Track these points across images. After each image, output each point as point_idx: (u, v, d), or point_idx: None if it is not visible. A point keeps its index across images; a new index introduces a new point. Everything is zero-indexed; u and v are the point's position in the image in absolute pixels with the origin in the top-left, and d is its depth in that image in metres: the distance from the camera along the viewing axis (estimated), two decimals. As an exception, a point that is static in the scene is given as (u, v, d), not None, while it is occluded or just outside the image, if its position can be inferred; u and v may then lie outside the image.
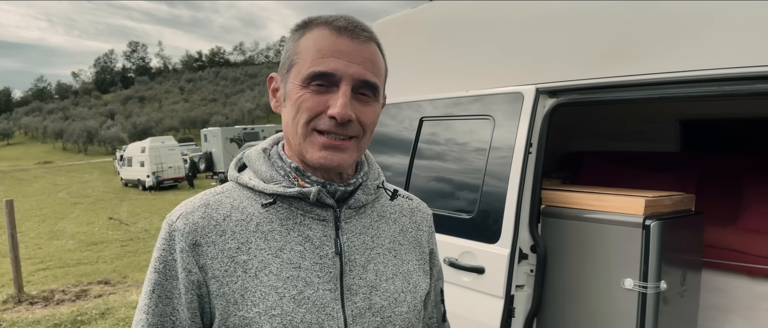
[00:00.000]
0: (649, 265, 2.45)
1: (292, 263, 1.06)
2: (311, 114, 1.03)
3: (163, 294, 1.04)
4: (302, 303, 1.04)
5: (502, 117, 2.79)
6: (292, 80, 1.07)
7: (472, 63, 3.14)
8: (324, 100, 1.03)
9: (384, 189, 1.26)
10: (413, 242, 1.27)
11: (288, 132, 1.10)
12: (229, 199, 1.10)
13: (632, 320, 2.49)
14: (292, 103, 1.06)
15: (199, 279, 1.03)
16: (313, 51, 1.03)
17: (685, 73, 2.22)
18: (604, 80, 2.50)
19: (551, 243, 2.77)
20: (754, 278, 3.24)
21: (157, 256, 1.05)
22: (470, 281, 2.75)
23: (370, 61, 1.07)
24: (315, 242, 1.09)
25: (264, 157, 1.15)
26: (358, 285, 1.11)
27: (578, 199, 2.75)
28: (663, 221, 2.49)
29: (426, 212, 1.35)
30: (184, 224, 1.04)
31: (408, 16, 3.69)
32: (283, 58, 1.11)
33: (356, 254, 1.13)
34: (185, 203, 1.10)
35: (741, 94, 2.12)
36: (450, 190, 3.01)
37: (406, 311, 1.17)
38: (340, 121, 1.02)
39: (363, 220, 1.17)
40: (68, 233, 15.92)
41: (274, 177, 1.10)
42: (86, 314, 6.85)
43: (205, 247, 1.03)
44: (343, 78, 1.03)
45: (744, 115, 3.94)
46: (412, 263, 1.23)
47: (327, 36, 1.04)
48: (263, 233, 1.06)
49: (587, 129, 4.79)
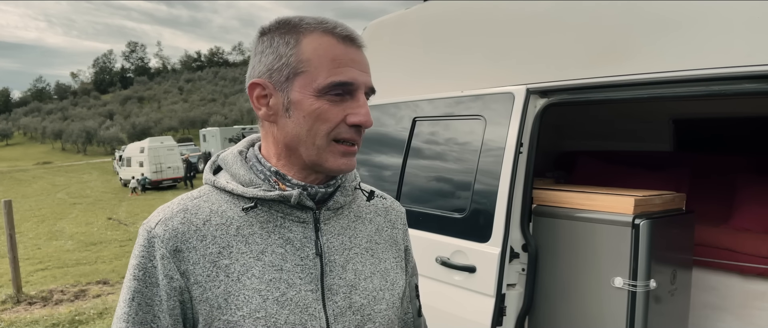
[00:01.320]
0: (639, 263, 2.47)
1: (274, 266, 1.07)
2: (332, 124, 1.05)
3: (142, 302, 1.03)
4: (285, 305, 1.05)
5: (493, 117, 2.80)
6: (299, 90, 1.05)
7: (464, 63, 3.16)
8: (341, 110, 1.05)
9: (361, 190, 1.28)
10: (389, 240, 1.29)
11: (294, 141, 1.08)
12: (208, 203, 1.10)
13: (622, 319, 2.51)
14: (306, 115, 1.05)
15: (181, 285, 1.03)
16: (327, 60, 1.04)
17: (675, 73, 2.24)
18: (595, 80, 2.52)
19: (542, 242, 2.79)
20: (746, 277, 3.26)
21: (136, 263, 1.05)
22: (462, 280, 2.77)
23: (369, 67, 1.11)
24: (295, 243, 1.10)
25: (241, 161, 1.14)
26: (338, 285, 1.13)
27: (569, 198, 2.77)
28: (653, 220, 2.52)
29: (399, 211, 1.38)
30: (163, 230, 1.04)
31: (401, 16, 3.71)
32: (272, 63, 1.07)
33: (336, 255, 1.14)
34: (162, 209, 1.10)
35: (728, 94, 2.14)
36: (442, 189, 3.03)
37: (385, 309, 1.19)
38: (366, 127, 1.07)
39: (341, 221, 1.19)
40: (67, 233, 15.94)
41: (253, 181, 1.10)
42: (84, 313, 6.87)
43: (187, 253, 1.03)
44: (360, 86, 1.06)
45: (737, 115, 3.96)
46: (389, 261, 1.26)
47: (335, 44, 1.05)
48: (244, 237, 1.07)
49: (581, 129, 4.81)
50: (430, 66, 3.40)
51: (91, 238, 14.79)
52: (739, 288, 3.29)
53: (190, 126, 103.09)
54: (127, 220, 18.41)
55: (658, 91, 2.32)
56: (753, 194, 3.62)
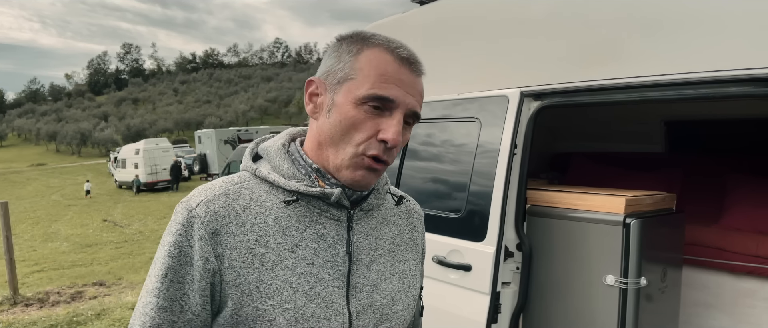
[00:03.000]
0: (630, 262, 2.53)
1: (306, 259, 1.10)
2: (365, 136, 1.07)
3: (175, 279, 1.05)
4: (313, 298, 1.08)
5: (488, 119, 2.86)
6: (344, 94, 1.08)
7: (460, 66, 3.21)
8: (376, 124, 1.07)
9: (391, 195, 1.32)
10: (410, 242, 1.33)
11: (329, 142, 1.12)
12: (248, 191, 1.12)
13: (614, 315, 2.57)
14: (342, 119, 1.08)
15: (214, 268, 1.05)
16: (376, 74, 1.07)
17: (665, 77, 2.29)
18: (588, 83, 2.57)
19: (536, 241, 2.85)
20: (736, 276, 3.32)
21: (172, 240, 1.06)
22: (457, 278, 2.83)
23: (421, 94, 1.14)
24: (328, 240, 1.14)
25: (285, 154, 1.17)
26: (362, 283, 1.17)
27: (562, 198, 2.83)
28: (643, 219, 2.57)
29: (420, 213, 1.41)
30: (205, 212, 1.06)
31: (398, 20, 3.76)
32: (332, 66, 1.12)
33: (363, 254, 1.18)
34: (203, 189, 1.12)
35: (716, 97, 2.20)
36: (439, 190, 3.09)
37: (402, 309, 1.23)
38: (390, 146, 1.07)
39: (370, 222, 1.22)
40: (62, 235, 15.93)
41: (295, 175, 1.13)
42: (82, 315, 6.88)
43: (225, 237, 1.05)
44: (400, 106, 1.08)
45: (728, 117, 4.02)
46: (408, 263, 1.30)
47: (390, 62, 1.08)
48: (281, 228, 1.10)
49: (575, 130, 4.87)
50: (427, 69, 3.43)
51: (86, 239, 14.78)
52: (730, 286, 3.35)
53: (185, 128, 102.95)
54: (123, 221, 18.40)
55: (649, 94, 2.37)
56: (743, 194, 3.68)
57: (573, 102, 2.66)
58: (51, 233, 16.30)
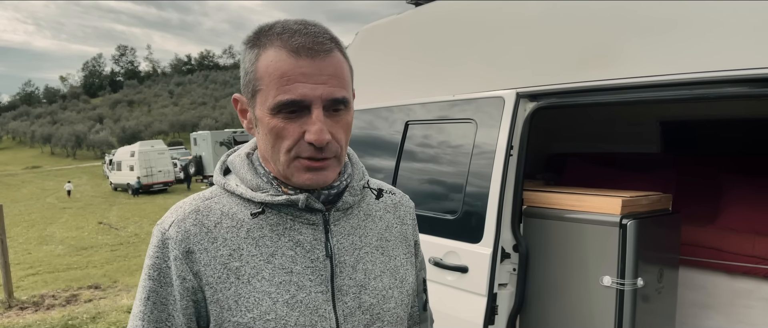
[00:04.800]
0: (626, 263, 2.52)
1: (284, 268, 1.08)
2: (291, 142, 1.02)
3: (157, 301, 1.05)
4: (295, 307, 1.06)
5: (484, 120, 2.86)
6: (259, 107, 1.04)
7: (455, 68, 3.21)
8: (298, 126, 1.02)
9: (369, 189, 1.27)
10: (399, 236, 1.29)
11: (267, 156, 1.10)
12: (219, 205, 1.11)
13: (611, 316, 2.56)
14: (267, 132, 1.04)
15: (194, 285, 1.04)
16: (276, 78, 1.00)
17: (660, 77, 2.29)
18: (583, 84, 2.57)
19: (533, 242, 2.84)
20: (732, 276, 3.33)
21: (151, 264, 1.07)
22: (454, 280, 2.82)
23: (335, 75, 1.03)
24: (306, 246, 1.11)
25: (248, 165, 1.15)
26: (348, 285, 1.13)
27: (558, 199, 2.83)
28: (639, 220, 2.57)
29: (409, 206, 1.37)
30: (176, 232, 1.05)
31: (393, 21, 3.76)
32: (243, 78, 1.08)
33: (346, 255, 1.15)
34: (175, 208, 1.11)
35: (711, 98, 2.20)
36: (435, 191, 3.08)
37: (394, 307, 1.20)
38: (318, 146, 1.01)
39: (351, 220, 1.19)
40: (57, 237, 15.88)
41: (260, 185, 1.11)
42: (77, 318, 6.87)
43: (198, 254, 1.05)
44: (313, 101, 1.01)
45: (724, 117, 4.03)
46: (399, 258, 1.26)
47: (285, 59, 1.00)
48: (254, 239, 1.08)
49: (571, 131, 4.87)
50: (422, 70, 3.45)
51: (81, 242, 14.75)
52: (726, 286, 3.36)
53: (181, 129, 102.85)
54: (118, 224, 18.35)
55: (644, 94, 2.37)
56: (738, 194, 3.69)
57: (569, 103, 2.65)
58: (46, 236, 16.25)
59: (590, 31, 2.56)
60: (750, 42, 2.04)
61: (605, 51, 2.49)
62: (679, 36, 2.24)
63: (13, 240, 14.85)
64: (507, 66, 2.90)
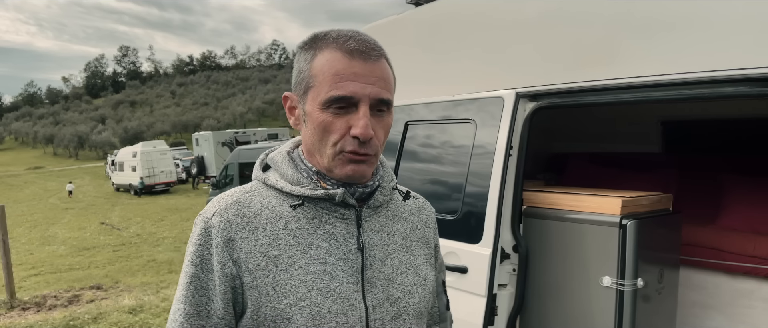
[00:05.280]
0: (626, 263, 2.52)
1: (318, 259, 1.15)
2: (338, 136, 1.12)
3: (199, 286, 1.12)
4: (329, 295, 1.13)
5: (483, 121, 2.85)
6: (310, 102, 1.15)
7: (455, 68, 3.21)
8: (345, 121, 1.12)
9: (398, 191, 1.36)
10: (421, 238, 1.37)
11: (313, 149, 1.18)
12: (259, 198, 1.18)
13: (611, 317, 2.56)
14: (316, 126, 1.14)
15: (232, 272, 1.11)
16: (330, 75, 1.11)
17: (659, 77, 2.29)
18: (583, 84, 2.57)
19: (533, 243, 2.84)
20: (733, 276, 3.32)
21: (194, 250, 1.13)
22: (454, 281, 2.82)
23: (383, 78, 1.15)
24: (339, 238, 1.18)
25: (289, 161, 1.23)
26: (377, 278, 1.21)
27: (558, 200, 2.82)
28: (640, 220, 2.57)
29: (430, 210, 1.46)
30: (219, 221, 1.12)
31: (394, 21, 3.76)
32: (296, 77, 1.19)
33: (375, 250, 1.23)
34: (218, 199, 1.19)
35: (711, 97, 2.20)
36: (434, 192, 3.08)
37: (418, 302, 1.27)
38: (362, 140, 1.11)
39: (380, 219, 1.27)
40: (60, 238, 15.91)
41: (300, 180, 1.19)
42: (79, 318, 6.87)
43: (239, 242, 1.11)
44: (362, 99, 1.11)
45: (724, 117, 4.03)
46: (421, 258, 1.34)
47: (340, 59, 1.12)
48: (292, 231, 1.15)
49: (572, 131, 4.87)
50: (423, 70, 3.45)
51: (83, 243, 14.77)
52: (727, 287, 3.35)
53: (183, 130, 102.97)
54: (120, 224, 18.38)
55: (643, 94, 2.37)
56: (739, 194, 3.68)
57: (568, 103, 2.65)
58: (48, 237, 16.28)
59: (590, 31, 2.56)
60: (750, 42, 2.04)
61: (605, 51, 2.49)
62: (679, 36, 2.24)
63: (16, 241, 14.88)
64: (507, 66, 2.90)
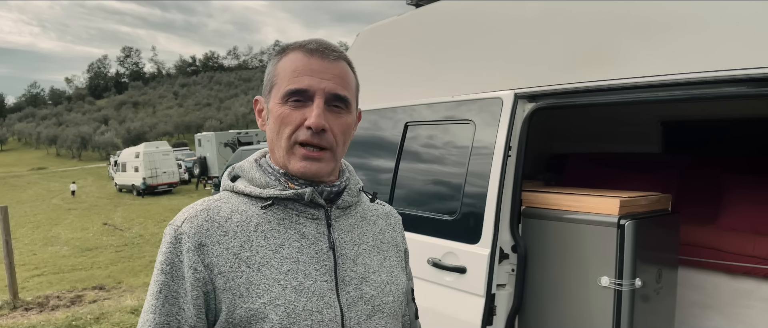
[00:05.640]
0: (624, 263, 2.53)
1: (291, 258, 1.16)
2: (293, 127, 1.17)
3: (169, 294, 1.12)
4: (303, 293, 1.14)
5: (482, 121, 2.86)
6: (273, 99, 1.20)
7: (454, 69, 3.22)
8: (301, 114, 1.16)
9: (364, 192, 1.40)
10: (391, 241, 1.40)
11: (273, 146, 1.23)
12: (228, 204, 1.20)
13: (609, 317, 2.57)
14: (275, 120, 1.19)
15: (204, 277, 1.11)
16: (290, 72, 1.18)
17: (658, 77, 2.29)
18: (582, 84, 2.57)
19: (532, 243, 2.85)
20: (732, 276, 3.33)
21: (163, 258, 1.13)
22: (452, 281, 2.83)
23: (340, 76, 1.20)
24: (310, 238, 1.21)
25: (257, 167, 1.26)
26: (350, 276, 1.23)
27: (557, 200, 2.83)
28: (638, 220, 2.58)
29: (397, 217, 1.50)
30: (189, 227, 1.14)
31: (393, 23, 3.77)
32: (265, 81, 1.25)
33: (347, 249, 1.25)
34: (187, 209, 1.20)
35: (709, 98, 2.20)
36: (433, 192, 3.09)
37: (392, 301, 1.29)
38: (315, 130, 1.15)
39: (349, 220, 1.30)
40: (63, 238, 15.93)
41: (269, 183, 1.21)
42: (81, 318, 6.89)
43: (210, 246, 1.12)
44: (317, 93, 1.16)
45: (725, 117, 4.03)
46: (392, 259, 1.36)
47: (300, 58, 1.19)
48: (263, 232, 1.17)
49: (572, 131, 4.87)
50: (422, 72, 3.46)
51: (86, 243, 14.79)
52: (726, 287, 3.36)
53: (185, 131, 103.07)
54: (123, 225, 18.40)
55: (642, 94, 2.38)
56: (739, 194, 3.69)
57: (567, 103, 2.66)
58: (51, 237, 16.31)
59: (589, 31, 2.57)
60: (749, 42, 2.05)
61: (603, 51, 2.50)
62: (678, 36, 2.24)
63: (19, 241, 14.92)
64: (506, 67, 2.90)
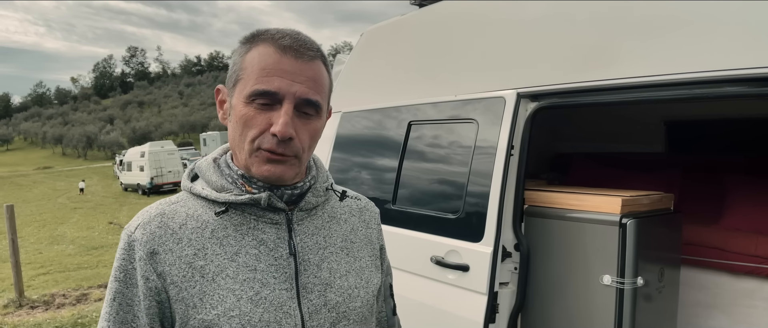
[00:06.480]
0: (626, 261, 2.54)
1: (247, 266, 1.10)
2: (256, 132, 1.08)
3: (123, 302, 1.08)
4: (259, 303, 1.08)
5: (485, 121, 2.88)
6: (237, 95, 1.10)
7: (457, 68, 3.23)
8: (267, 118, 1.07)
9: (333, 191, 1.31)
10: (364, 239, 1.33)
11: (234, 144, 1.14)
12: (184, 208, 1.14)
13: (611, 315, 2.58)
14: (238, 119, 1.09)
15: (157, 286, 1.07)
16: (258, 69, 1.07)
17: (660, 77, 2.30)
18: (584, 84, 2.58)
19: (534, 242, 2.86)
20: (735, 275, 3.33)
21: (118, 265, 1.09)
22: (455, 279, 2.85)
23: (313, 79, 1.10)
24: (269, 244, 1.14)
25: (214, 167, 1.19)
26: (313, 283, 1.16)
27: (559, 199, 2.84)
28: (639, 219, 2.59)
29: (374, 211, 1.42)
30: (141, 234, 1.08)
31: (396, 23, 3.79)
32: (229, 71, 1.14)
33: (310, 254, 1.18)
34: (142, 213, 1.15)
35: (710, 97, 2.21)
36: (437, 190, 3.10)
37: (360, 306, 1.23)
38: (280, 138, 1.06)
39: (315, 221, 1.22)
40: (68, 237, 16.00)
41: (224, 186, 1.14)
42: (87, 317, 6.93)
43: (163, 255, 1.07)
44: (286, 97, 1.07)
45: (728, 117, 4.03)
46: (364, 259, 1.30)
47: (271, 54, 1.08)
48: (219, 239, 1.11)
49: (576, 131, 4.88)
50: (425, 71, 3.47)
51: (92, 242, 14.85)
52: (729, 286, 3.36)
53: (191, 130, 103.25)
54: (128, 224, 18.47)
55: (644, 94, 2.38)
56: (742, 194, 3.69)
57: (570, 103, 2.67)
58: (57, 236, 16.38)
59: (591, 31, 2.58)
60: (751, 41, 2.05)
61: (606, 51, 2.50)
62: (680, 35, 2.25)
63: (25, 240, 14.99)
64: (508, 66, 2.92)
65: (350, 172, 3.73)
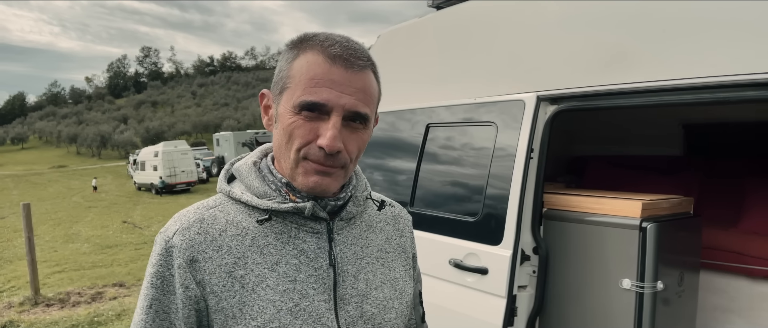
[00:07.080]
0: (646, 266, 2.53)
1: (288, 277, 1.08)
2: (302, 142, 1.04)
3: (160, 309, 1.05)
4: (299, 315, 1.06)
5: (504, 124, 2.88)
6: (284, 103, 1.07)
7: (476, 71, 3.23)
8: (315, 129, 1.04)
9: (372, 200, 1.29)
10: (398, 248, 1.31)
11: (279, 153, 1.11)
12: (223, 213, 1.11)
13: (630, 319, 2.57)
14: (284, 128, 1.06)
15: (197, 294, 1.04)
16: (306, 78, 1.03)
17: (681, 81, 2.29)
18: (604, 87, 2.57)
19: (553, 245, 2.86)
20: (754, 280, 3.31)
21: (154, 271, 1.06)
22: (474, 282, 2.85)
23: (363, 90, 1.06)
24: (309, 254, 1.11)
25: (255, 172, 1.15)
26: (350, 294, 1.14)
27: (579, 202, 2.84)
28: (660, 223, 2.57)
29: (407, 218, 1.39)
30: (180, 240, 1.05)
31: (414, 25, 3.79)
32: (276, 76, 1.11)
33: (348, 265, 1.16)
34: (179, 217, 1.11)
35: (732, 101, 2.20)
36: (455, 193, 3.11)
37: (395, 317, 1.21)
38: (328, 152, 1.03)
39: (353, 231, 1.20)
40: (83, 236, 16.10)
41: (267, 192, 1.11)
42: (102, 315, 6.98)
43: (203, 263, 1.05)
44: (335, 109, 1.03)
45: (747, 120, 4.00)
46: (398, 269, 1.28)
47: (320, 63, 1.03)
48: (259, 248, 1.08)
49: (593, 134, 4.87)
50: (443, 74, 3.47)
51: (106, 241, 14.93)
52: (747, 290, 3.34)
53: (204, 130, 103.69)
54: (142, 223, 18.56)
55: (664, 98, 2.37)
56: (761, 197, 3.67)
57: (589, 106, 2.66)
58: (72, 235, 16.48)
59: (611, 33, 2.57)
60: (773, 45, 2.04)
61: (626, 54, 2.50)
62: (701, 38, 2.24)
63: (40, 238, 15.10)
64: (528, 69, 2.91)
65: (368, 173, 3.74)
